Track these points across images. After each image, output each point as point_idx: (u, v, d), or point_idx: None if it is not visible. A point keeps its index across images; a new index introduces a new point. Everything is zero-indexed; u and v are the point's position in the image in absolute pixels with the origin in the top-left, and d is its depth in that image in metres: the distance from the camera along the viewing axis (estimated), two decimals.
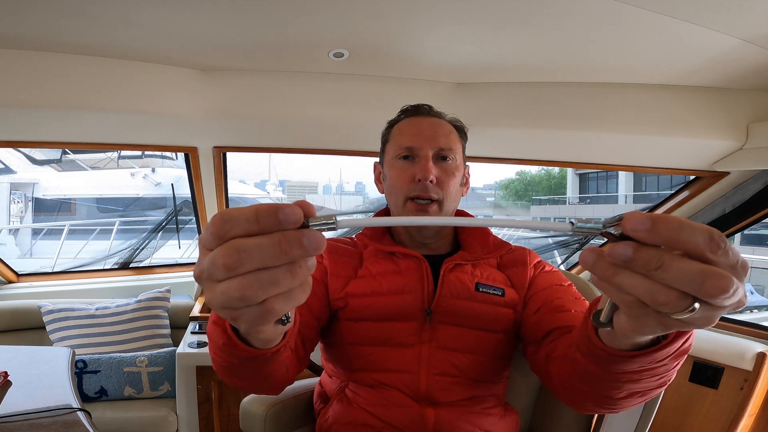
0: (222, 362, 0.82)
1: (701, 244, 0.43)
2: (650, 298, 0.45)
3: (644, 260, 0.44)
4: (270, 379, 0.92)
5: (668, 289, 0.45)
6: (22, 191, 10.83)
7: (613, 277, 0.47)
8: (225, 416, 2.33)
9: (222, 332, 0.71)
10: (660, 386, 0.77)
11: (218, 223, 0.45)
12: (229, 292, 0.45)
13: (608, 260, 0.46)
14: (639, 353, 0.65)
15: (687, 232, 0.43)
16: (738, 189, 2.36)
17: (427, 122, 1.25)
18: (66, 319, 2.61)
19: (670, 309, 0.45)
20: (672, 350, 0.65)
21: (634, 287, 0.46)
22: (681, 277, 0.44)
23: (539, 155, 2.67)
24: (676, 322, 0.48)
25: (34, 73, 1.98)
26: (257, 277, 0.44)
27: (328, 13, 1.67)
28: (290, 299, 0.48)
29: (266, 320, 0.49)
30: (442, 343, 1.15)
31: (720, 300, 0.44)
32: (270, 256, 0.43)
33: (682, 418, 2.32)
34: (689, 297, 0.45)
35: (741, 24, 1.58)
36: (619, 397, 0.79)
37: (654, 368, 0.69)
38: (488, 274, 1.23)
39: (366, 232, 1.32)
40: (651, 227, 0.43)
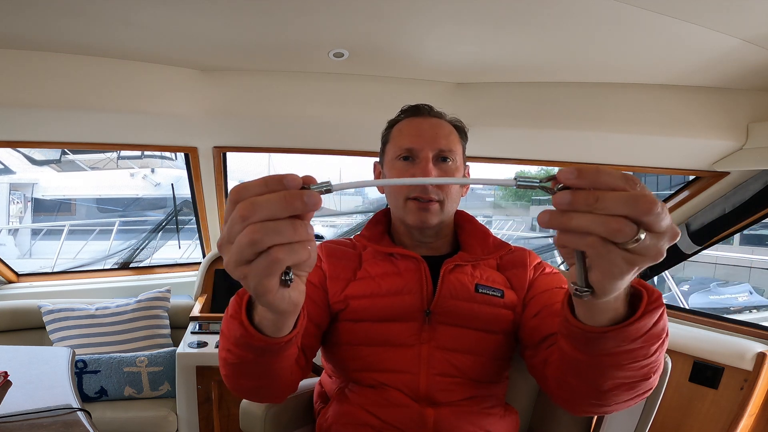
0: (234, 359, 0.86)
1: (620, 183, 0.54)
2: (604, 228, 0.53)
3: (583, 198, 0.54)
4: (277, 379, 0.96)
5: (613, 217, 0.53)
6: (21, 191, 10.84)
7: (568, 222, 0.55)
8: (225, 416, 2.32)
9: (239, 324, 0.77)
10: (644, 378, 0.82)
11: (236, 190, 0.56)
12: (241, 241, 0.54)
13: (557, 210, 0.56)
14: (612, 328, 0.72)
15: (605, 174, 0.54)
16: (738, 189, 2.35)
17: (428, 123, 1.25)
18: (66, 319, 2.61)
19: (623, 236, 0.54)
20: (644, 327, 0.73)
21: (587, 223, 0.54)
22: (617, 203, 0.53)
23: (539, 155, 2.67)
24: (635, 257, 0.56)
25: (34, 73, 1.98)
26: (264, 225, 0.54)
27: (328, 13, 1.67)
28: (293, 252, 0.56)
29: (272, 270, 0.57)
30: (442, 344, 1.16)
31: (654, 219, 0.53)
32: (276, 207, 0.54)
33: (682, 418, 2.32)
34: (632, 224, 0.53)
35: (741, 24, 1.58)
36: (606, 388, 0.84)
37: (632, 350, 0.76)
38: (488, 276, 1.23)
39: (365, 233, 1.32)
40: (577, 174, 0.54)
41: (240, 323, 0.77)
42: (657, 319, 0.74)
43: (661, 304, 0.74)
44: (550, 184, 0.58)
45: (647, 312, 0.72)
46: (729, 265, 10.24)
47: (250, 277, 0.58)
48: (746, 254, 10.50)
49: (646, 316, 0.72)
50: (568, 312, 0.76)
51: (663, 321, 0.76)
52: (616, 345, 0.75)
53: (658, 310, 0.73)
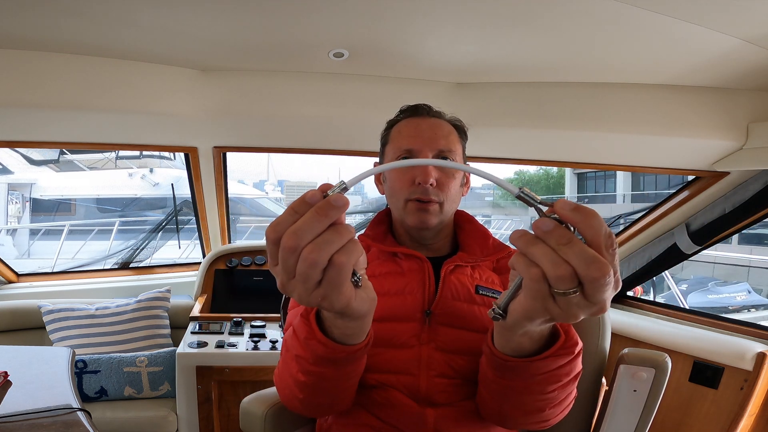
0: (313, 379, 0.91)
1: (601, 237, 0.56)
2: (552, 269, 0.56)
3: (558, 234, 0.56)
4: (351, 389, 1.02)
5: (566, 264, 0.55)
6: (19, 191, 10.82)
7: (529, 247, 0.57)
8: (225, 416, 2.32)
9: (317, 343, 0.81)
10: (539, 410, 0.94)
11: (271, 228, 0.58)
12: (302, 267, 0.56)
13: (532, 233, 0.58)
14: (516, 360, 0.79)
15: (595, 221, 0.56)
16: (738, 189, 2.35)
17: (427, 123, 1.24)
18: (66, 319, 2.61)
19: (562, 285, 0.56)
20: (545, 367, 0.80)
21: (542, 257, 0.56)
22: (578, 255, 0.55)
23: (539, 155, 2.67)
24: (556, 308, 0.59)
25: (34, 73, 1.98)
26: (314, 243, 0.56)
27: (328, 13, 1.67)
28: (350, 253, 0.58)
29: (341, 278, 0.59)
30: (441, 345, 1.15)
31: (595, 285, 0.55)
32: (315, 223, 0.56)
33: (682, 418, 2.32)
34: (576, 280, 0.56)
35: (741, 24, 1.58)
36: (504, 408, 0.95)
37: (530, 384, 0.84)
38: (486, 277, 1.23)
39: (368, 233, 1.31)
40: (573, 209, 0.56)
41: (318, 341, 0.81)
42: (563, 363, 0.80)
43: (572, 352, 0.81)
44: (545, 208, 0.60)
45: (555, 355, 0.78)
46: (728, 264, 10.24)
47: (329, 295, 0.60)
48: (745, 254, 10.51)
49: (551, 359, 0.78)
50: (489, 333, 0.84)
51: (570, 367, 0.83)
52: (515, 375, 0.83)
53: (567, 357, 0.80)
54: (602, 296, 0.57)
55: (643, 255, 2.87)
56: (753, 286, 9.11)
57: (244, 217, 10.57)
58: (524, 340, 0.77)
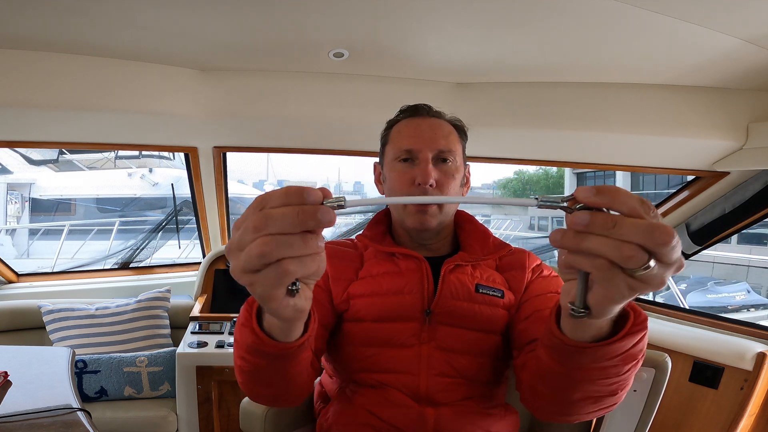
0: (249, 367, 0.88)
1: (637, 206, 0.54)
2: (617, 254, 0.54)
3: (601, 221, 0.54)
4: (293, 383, 0.96)
5: (628, 244, 0.53)
6: (19, 191, 10.81)
7: (580, 243, 0.55)
8: (225, 416, 2.32)
9: (250, 331, 0.78)
10: (612, 394, 0.85)
11: (258, 199, 0.57)
12: (251, 251, 0.55)
13: (572, 230, 0.56)
14: (592, 345, 0.74)
15: (623, 195, 0.55)
16: (738, 189, 2.35)
17: (427, 123, 1.24)
18: (66, 319, 2.61)
19: (634, 263, 0.54)
20: (623, 347, 0.74)
21: (600, 247, 0.54)
22: (634, 231, 0.53)
23: (539, 155, 2.67)
24: (639, 284, 0.56)
25: (34, 73, 1.98)
26: (275, 238, 0.54)
27: (328, 13, 1.67)
28: (303, 265, 0.57)
29: (280, 282, 0.58)
30: (441, 344, 1.15)
31: (668, 250, 0.53)
32: (289, 222, 0.54)
33: (682, 418, 2.32)
34: (645, 252, 0.53)
35: (741, 24, 1.58)
36: (574, 399, 0.87)
37: (607, 367, 0.78)
38: (488, 276, 1.23)
39: (366, 234, 1.31)
40: (596, 192, 0.55)
41: (251, 330, 0.78)
42: (638, 340, 0.76)
43: (645, 327, 0.76)
44: (567, 204, 0.58)
45: (630, 333, 0.74)
46: (727, 264, 10.24)
47: (257, 285, 0.58)
48: (744, 253, 10.51)
49: (627, 338, 0.74)
50: (554, 323, 0.78)
51: (642, 343, 0.78)
52: (592, 361, 0.77)
53: (640, 333, 0.75)
54: (677, 255, 0.55)
55: None
56: (752, 285, 9.12)
57: None
58: (604, 324, 0.73)
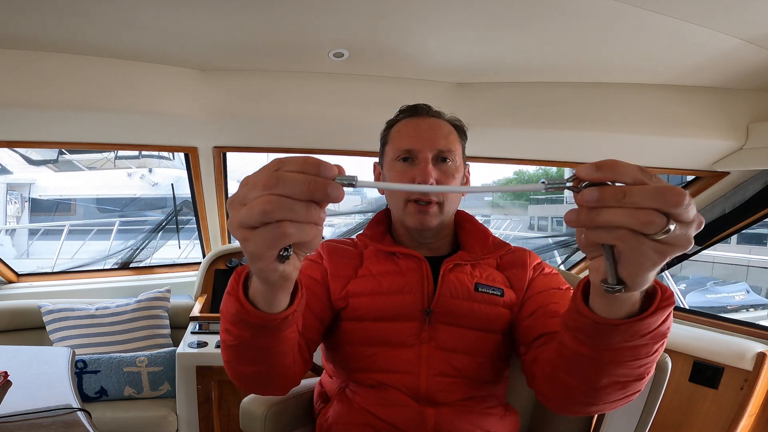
0: (233, 341, 0.87)
1: (639, 174, 0.56)
2: (636, 221, 0.54)
3: (611, 194, 0.55)
4: (277, 363, 0.95)
5: (643, 210, 0.54)
6: (18, 191, 10.81)
7: (597, 218, 0.56)
8: (225, 416, 2.32)
9: (235, 300, 0.78)
10: (639, 378, 0.83)
11: (276, 161, 0.58)
12: (254, 206, 0.56)
13: (584, 207, 0.56)
14: (625, 321, 0.72)
15: (623, 166, 0.56)
16: (738, 189, 2.36)
17: (426, 123, 1.24)
18: (66, 319, 2.60)
19: (654, 228, 0.54)
20: (654, 323, 0.73)
21: (618, 217, 0.55)
22: (646, 196, 0.54)
23: (539, 155, 2.67)
24: (666, 247, 0.56)
25: (34, 73, 1.98)
26: (280, 199, 0.56)
27: (328, 13, 1.67)
28: (300, 231, 0.58)
29: (274, 243, 0.59)
30: (441, 344, 1.15)
31: (683, 210, 0.54)
32: (300, 189, 0.56)
33: (682, 418, 2.32)
34: (662, 215, 0.54)
35: (741, 24, 1.58)
36: (601, 385, 0.85)
37: (638, 346, 0.77)
38: (488, 275, 1.23)
39: (366, 233, 1.32)
40: (597, 168, 0.56)
41: (236, 299, 0.78)
42: (666, 317, 0.75)
43: (672, 302, 0.75)
44: (573, 184, 0.58)
45: (660, 308, 0.72)
46: (727, 264, 10.24)
47: (251, 242, 0.59)
48: (744, 253, 10.51)
49: (658, 313, 0.72)
50: (581, 303, 0.76)
51: (669, 321, 0.77)
52: (624, 340, 0.76)
53: (669, 308, 0.74)
54: (693, 212, 0.55)
55: None
56: (752, 285, 9.12)
57: None
58: (637, 298, 0.72)
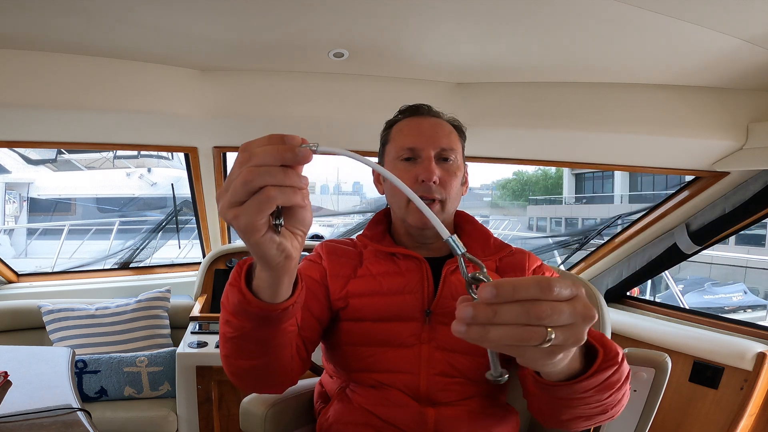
0: (233, 332, 0.89)
1: (537, 294, 0.54)
2: (515, 339, 0.54)
3: (483, 313, 0.54)
4: (276, 359, 0.97)
5: (521, 327, 0.54)
6: (17, 191, 10.81)
7: (486, 336, 0.55)
8: (225, 416, 2.32)
9: (237, 291, 0.81)
10: (603, 413, 0.91)
11: (244, 145, 0.63)
12: (236, 181, 0.61)
13: (475, 325, 0.55)
14: (561, 384, 0.79)
15: (521, 290, 0.54)
16: (738, 189, 2.35)
17: (428, 122, 1.25)
18: (66, 319, 2.60)
19: (535, 341, 0.54)
20: (595, 382, 0.79)
21: (500, 337, 0.54)
22: (514, 314, 0.54)
23: (539, 155, 2.67)
24: (556, 348, 0.57)
25: (34, 73, 1.98)
26: (258, 168, 0.60)
27: (328, 13, 1.67)
28: (283, 193, 0.61)
29: (261, 208, 0.62)
30: (441, 344, 1.16)
31: (554, 320, 0.54)
32: (270, 156, 0.60)
33: (682, 418, 2.33)
34: (542, 327, 0.54)
35: (742, 24, 1.58)
36: (563, 419, 0.94)
37: (584, 397, 0.82)
38: None
39: (366, 233, 1.32)
40: (496, 292, 0.54)
41: (238, 290, 0.80)
42: (611, 374, 0.81)
43: (615, 362, 0.80)
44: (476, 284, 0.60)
45: (599, 370, 0.78)
46: (725, 264, 10.27)
47: (242, 216, 0.62)
48: (742, 254, 10.54)
49: (597, 374, 0.78)
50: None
51: (618, 374, 0.82)
52: (568, 394, 0.82)
53: (611, 368, 0.79)
54: (566, 316, 0.55)
55: (643, 255, 2.87)
56: (750, 286, 9.13)
57: None
58: (573, 363, 0.78)
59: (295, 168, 0.63)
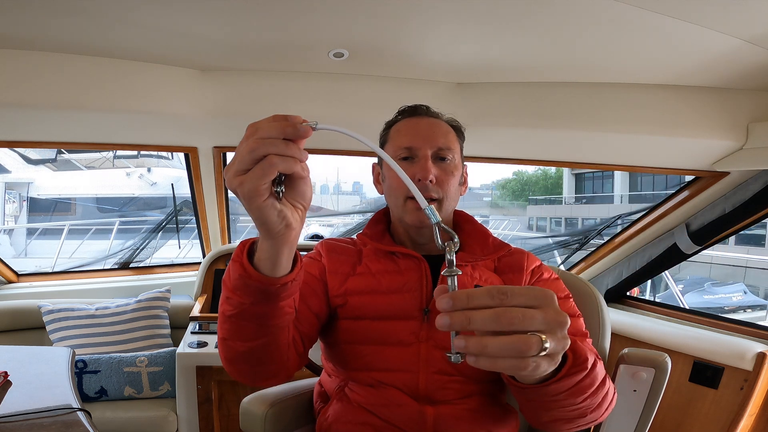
0: (232, 310, 0.90)
1: (490, 302, 0.59)
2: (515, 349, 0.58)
3: (456, 321, 0.59)
4: (273, 342, 0.98)
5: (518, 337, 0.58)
6: (16, 191, 10.81)
7: (483, 350, 0.59)
8: (225, 416, 2.32)
9: (239, 266, 0.83)
10: (581, 416, 0.93)
11: (252, 124, 0.69)
12: (242, 150, 0.67)
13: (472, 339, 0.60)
14: (528, 386, 0.82)
15: (474, 299, 0.59)
16: (738, 189, 2.35)
17: (425, 122, 1.26)
18: (66, 319, 2.60)
19: (533, 350, 0.59)
20: (565, 386, 0.82)
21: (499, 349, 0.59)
22: (484, 320, 0.58)
23: (539, 155, 2.67)
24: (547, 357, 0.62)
25: (34, 73, 1.97)
26: (263, 140, 0.67)
27: (328, 13, 1.67)
28: (285, 162, 0.68)
29: (265, 172, 0.67)
30: (440, 343, 1.16)
31: (526, 325, 0.58)
32: (273, 130, 0.67)
33: (682, 418, 2.33)
34: (537, 336, 0.59)
35: (742, 24, 1.58)
36: (544, 420, 0.97)
37: (557, 400, 0.85)
38: (486, 277, 1.24)
39: (366, 232, 1.33)
40: (452, 303, 0.59)
41: (240, 264, 0.83)
42: (581, 378, 0.83)
43: (584, 367, 0.82)
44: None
45: (568, 375, 0.80)
46: (724, 264, 10.27)
47: (246, 182, 0.68)
48: (742, 254, 10.54)
49: (566, 379, 0.80)
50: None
51: (590, 378, 0.85)
52: (539, 397, 0.85)
53: (581, 373, 0.82)
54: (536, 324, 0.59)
55: (643, 255, 2.87)
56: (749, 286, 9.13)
57: (245, 217, 10.57)
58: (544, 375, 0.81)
59: (296, 142, 0.69)
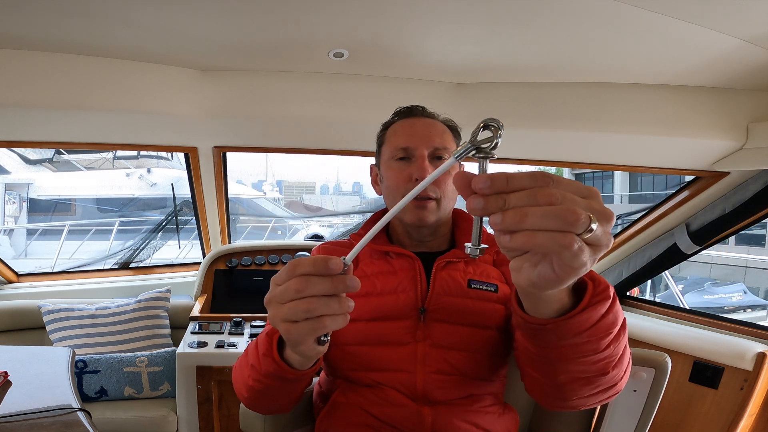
0: (262, 387, 0.99)
1: (530, 185, 0.54)
2: (562, 220, 0.52)
3: (491, 203, 0.56)
4: (293, 398, 1.09)
5: (565, 208, 0.52)
6: (16, 191, 10.79)
7: (522, 222, 0.53)
8: (225, 416, 2.32)
9: (272, 361, 0.91)
10: (601, 373, 0.83)
11: (291, 264, 0.69)
12: (298, 306, 0.67)
13: (507, 211, 0.55)
14: (552, 320, 0.74)
15: (515, 180, 0.55)
16: (738, 189, 2.35)
17: (421, 122, 1.27)
18: (66, 319, 2.60)
19: (580, 226, 0.52)
20: (588, 320, 0.73)
21: (541, 219, 0.53)
22: (521, 198, 0.54)
23: (539, 155, 2.67)
24: (591, 248, 0.55)
25: (32, 73, 1.98)
26: (319, 299, 0.67)
27: (328, 13, 1.67)
28: (335, 322, 0.68)
29: (316, 332, 0.69)
30: (437, 341, 1.16)
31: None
32: (326, 288, 0.67)
33: (682, 418, 2.33)
34: (585, 213, 0.52)
35: (741, 24, 1.58)
36: (561, 381, 0.87)
37: (578, 344, 0.77)
38: (482, 271, 1.24)
39: (361, 233, 1.34)
40: (491, 183, 0.55)
41: (273, 360, 0.91)
42: (605, 312, 0.74)
43: (607, 296, 0.74)
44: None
45: (591, 305, 0.73)
46: (725, 264, 10.26)
47: (294, 333, 0.70)
48: (742, 254, 10.54)
49: (589, 309, 0.73)
50: (515, 302, 0.81)
51: (612, 314, 0.76)
52: (559, 338, 0.77)
53: (604, 303, 0.74)
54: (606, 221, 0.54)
55: (643, 255, 2.87)
56: (749, 286, 9.13)
57: (244, 217, 10.57)
58: (563, 296, 0.73)
59: (347, 295, 0.69)
